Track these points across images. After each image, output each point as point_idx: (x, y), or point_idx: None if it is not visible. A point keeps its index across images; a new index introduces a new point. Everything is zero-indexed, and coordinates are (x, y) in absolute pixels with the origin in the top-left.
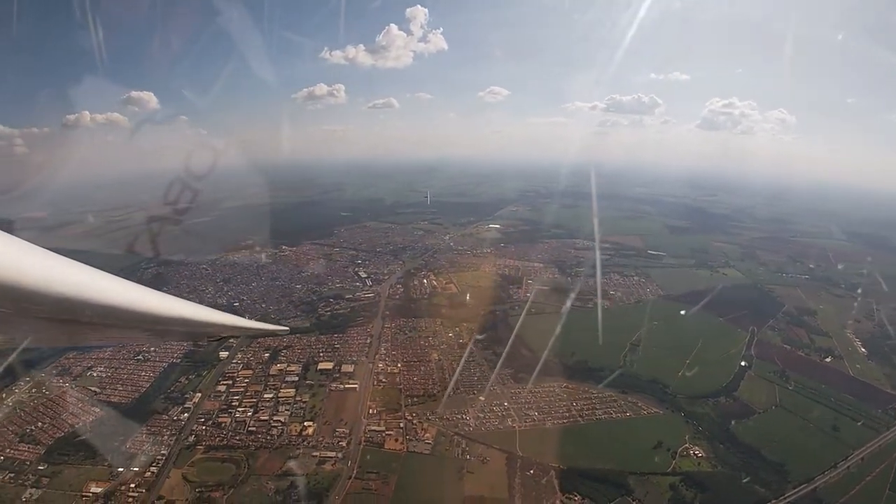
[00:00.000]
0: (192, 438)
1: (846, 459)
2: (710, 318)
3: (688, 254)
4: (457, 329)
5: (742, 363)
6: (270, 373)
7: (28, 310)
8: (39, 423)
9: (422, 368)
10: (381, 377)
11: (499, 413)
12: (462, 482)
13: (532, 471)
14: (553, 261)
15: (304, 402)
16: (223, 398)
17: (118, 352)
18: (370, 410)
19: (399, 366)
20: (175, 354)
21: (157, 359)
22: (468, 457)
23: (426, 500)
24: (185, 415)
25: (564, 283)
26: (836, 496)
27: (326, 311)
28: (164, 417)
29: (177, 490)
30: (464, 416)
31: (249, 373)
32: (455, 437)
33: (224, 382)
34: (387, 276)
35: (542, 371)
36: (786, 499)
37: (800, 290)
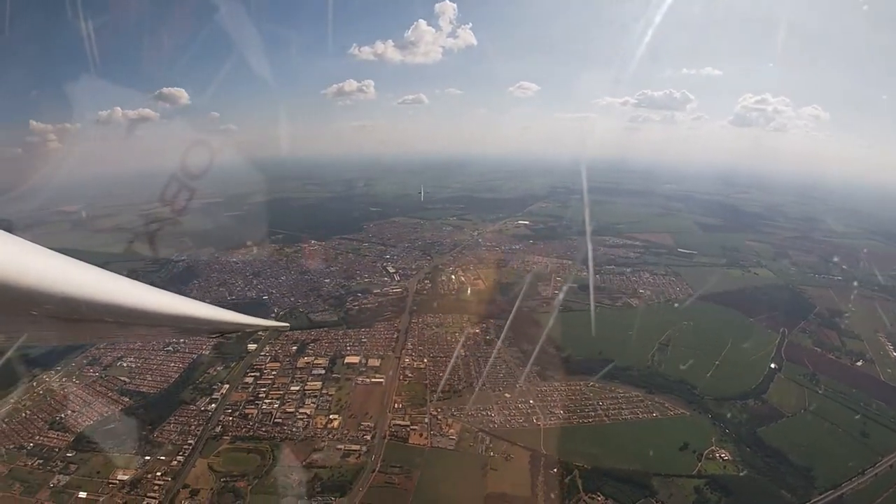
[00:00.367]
0: (219, 429)
1: (874, 466)
2: (741, 319)
3: (719, 252)
4: (484, 325)
5: (772, 365)
6: (297, 365)
7: (26, 308)
8: (69, 411)
9: (448, 364)
10: (408, 372)
11: (524, 410)
12: (485, 479)
13: (556, 469)
14: (582, 258)
15: (331, 395)
16: (250, 390)
17: (148, 342)
18: (395, 405)
19: (425, 361)
20: (204, 346)
21: (187, 350)
22: (492, 453)
23: (448, 496)
24: (213, 405)
25: (593, 281)
26: (863, 503)
27: (354, 306)
28: (192, 408)
29: (202, 479)
30: (489, 413)
31: (277, 365)
32: (479, 434)
33: (252, 374)
34: (415, 272)
35: (569, 369)
36: None
37: (832, 292)
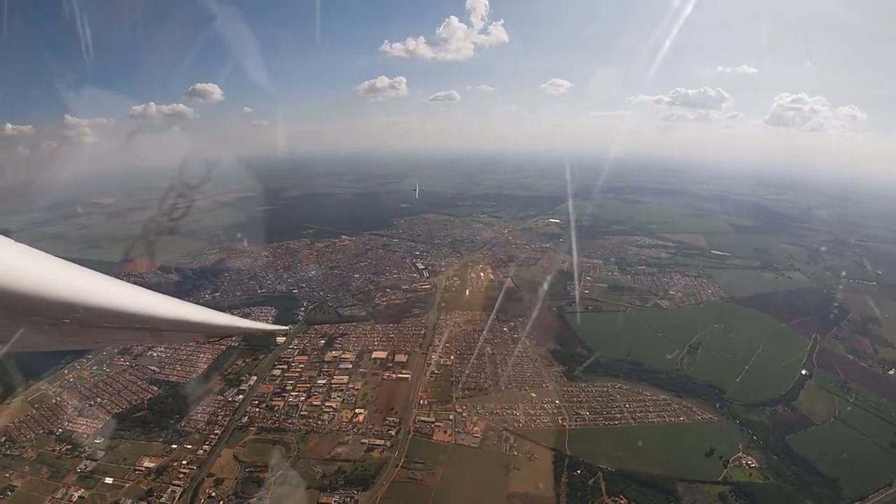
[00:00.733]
0: (245, 419)
1: None
2: (773, 323)
3: (752, 255)
4: (512, 323)
5: (803, 371)
6: (325, 359)
7: (22, 312)
8: (99, 399)
9: (474, 362)
10: (434, 368)
11: (549, 410)
12: (508, 478)
13: (579, 471)
14: (613, 258)
15: (357, 390)
16: (278, 382)
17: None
18: (421, 401)
19: (452, 358)
20: (234, 338)
21: (216, 341)
22: (515, 453)
23: (470, 494)
24: (240, 396)
25: (623, 281)
26: None
27: (383, 301)
28: (220, 398)
29: (227, 469)
30: (514, 412)
31: (305, 358)
32: (504, 433)
33: (279, 367)
34: (444, 268)
35: (596, 370)
36: None
37: (866, 297)
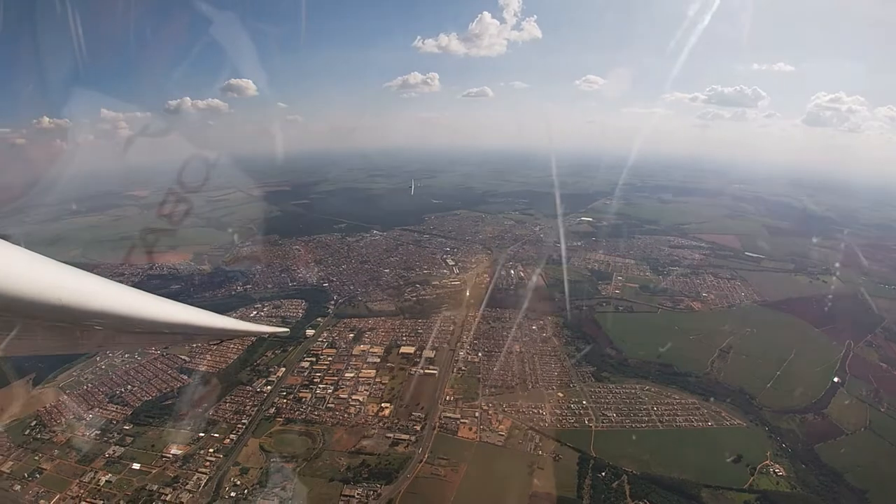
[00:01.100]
0: (273, 410)
1: None
2: (806, 328)
3: (787, 258)
4: (541, 322)
5: (835, 379)
6: (353, 353)
7: (20, 315)
8: (129, 386)
9: (502, 359)
10: (461, 365)
11: (576, 411)
12: (531, 477)
13: (604, 473)
14: (645, 258)
15: (384, 384)
16: (306, 374)
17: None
18: (447, 397)
19: (480, 355)
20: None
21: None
22: (540, 452)
23: (493, 492)
24: (268, 387)
25: (655, 282)
26: None
27: (412, 296)
28: (248, 388)
29: (253, 458)
30: (540, 411)
31: (333, 351)
32: (529, 432)
33: (308, 359)
34: (474, 265)
35: (625, 371)
36: None
37: None
